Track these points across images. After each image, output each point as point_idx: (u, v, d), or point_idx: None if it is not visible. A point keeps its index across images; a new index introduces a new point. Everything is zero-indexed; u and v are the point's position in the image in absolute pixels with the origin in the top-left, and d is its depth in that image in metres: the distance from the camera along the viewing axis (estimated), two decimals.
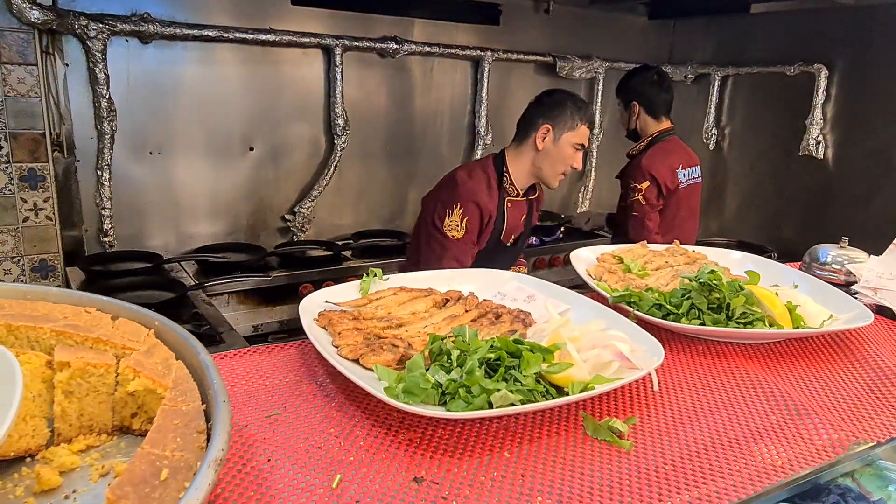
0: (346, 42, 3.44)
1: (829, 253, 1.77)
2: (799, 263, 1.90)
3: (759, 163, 4.37)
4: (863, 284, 1.63)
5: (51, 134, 2.88)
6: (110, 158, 3.02)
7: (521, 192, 2.73)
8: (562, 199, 4.59)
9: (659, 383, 1.16)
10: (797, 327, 1.37)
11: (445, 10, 3.76)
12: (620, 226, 3.48)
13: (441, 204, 2.59)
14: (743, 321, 1.32)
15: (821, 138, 4.00)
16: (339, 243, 3.59)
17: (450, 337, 1.11)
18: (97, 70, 2.91)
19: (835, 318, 1.42)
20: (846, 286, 1.70)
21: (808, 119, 3.99)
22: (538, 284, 1.45)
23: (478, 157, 4.04)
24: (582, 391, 1.03)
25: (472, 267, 2.52)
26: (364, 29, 3.56)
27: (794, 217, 4.20)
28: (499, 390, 0.98)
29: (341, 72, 3.49)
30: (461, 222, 2.48)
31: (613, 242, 3.55)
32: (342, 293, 1.34)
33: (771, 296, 1.38)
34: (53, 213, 2.91)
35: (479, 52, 3.87)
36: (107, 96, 2.96)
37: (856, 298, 1.56)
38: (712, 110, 4.50)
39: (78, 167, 3.02)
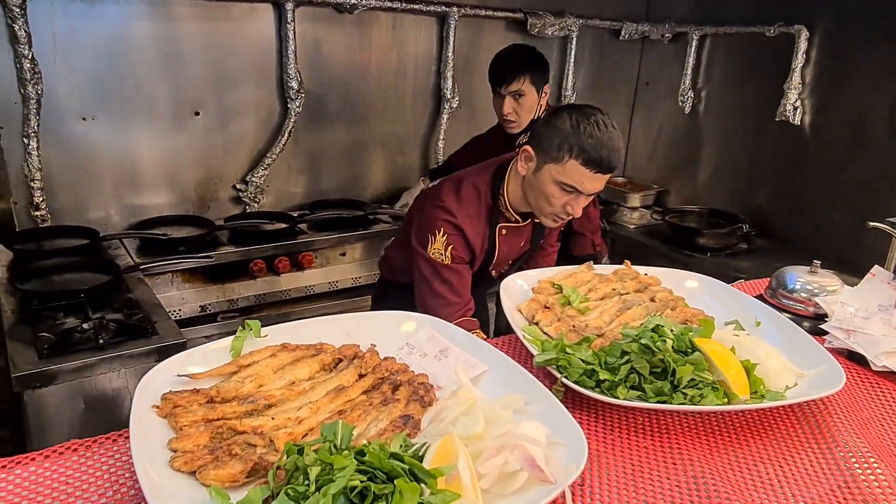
0: None
1: (798, 279, 1.50)
2: (765, 282, 1.62)
3: (734, 128, 4.05)
4: (834, 324, 1.36)
5: None
6: (37, 125, 2.67)
7: (520, 219, 2.05)
8: None
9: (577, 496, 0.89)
10: (755, 392, 1.10)
11: None
12: None
13: (423, 225, 2.03)
14: (691, 393, 1.05)
15: (798, 103, 3.67)
16: (295, 215, 3.28)
17: (312, 445, 0.83)
18: (16, 27, 2.53)
19: (800, 376, 1.15)
20: (814, 319, 1.43)
21: (786, 83, 3.64)
22: (454, 335, 1.17)
23: (444, 122, 3.68)
24: None
25: None
26: None
27: (766, 185, 3.91)
28: None
29: (293, 29, 3.10)
30: (445, 251, 1.95)
31: None
32: (209, 356, 1.05)
33: (724, 354, 1.12)
34: None
35: (444, 7, 3.47)
36: (29, 56, 2.58)
37: (826, 338, 1.29)
38: (689, 72, 4.12)
39: (2, 135, 2.67)
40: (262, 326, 1.16)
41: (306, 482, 0.81)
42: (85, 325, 2.20)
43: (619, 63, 4.35)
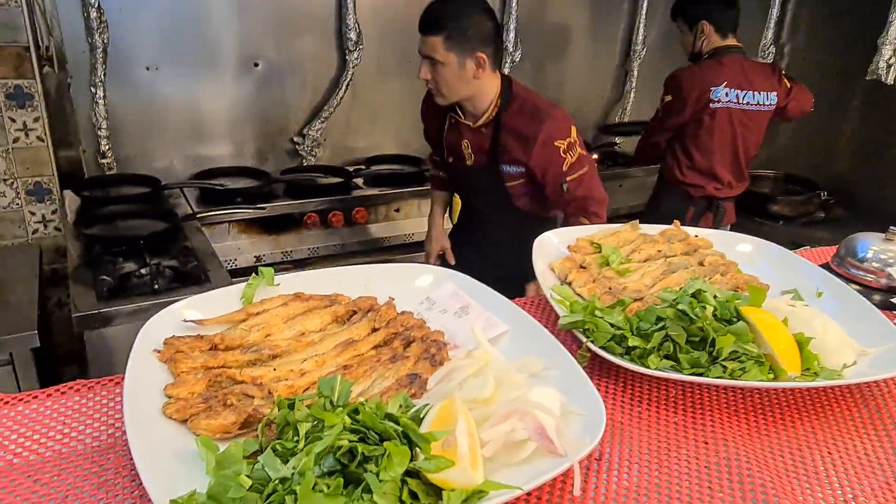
0: None
1: (870, 247, 1.33)
2: (833, 250, 1.46)
3: (819, 87, 3.70)
4: None
5: (38, 47, 2.55)
6: (104, 74, 2.72)
7: (461, 115, 2.21)
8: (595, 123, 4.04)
9: (585, 480, 0.80)
10: (807, 369, 0.98)
11: None
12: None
13: None
14: (731, 366, 0.94)
15: (893, 61, 3.32)
16: (351, 169, 3.23)
17: (305, 400, 0.78)
18: None
19: (862, 354, 1.02)
20: (886, 291, 1.27)
21: (880, 38, 3.29)
22: (477, 291, 1.09)
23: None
24: (465, 502, 0.70)
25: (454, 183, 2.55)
26: None
27: (850, 150, 3.60)
28: None
29: None
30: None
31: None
32: (219, 302, 1.01)
33: (774, 324, 0.99)
34: (45, 134, 2.63)
35: None
36: (96, 5, 2.62)
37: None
38: (772, 25, 3.81)
39: (71, 83, 2.72)
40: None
41: (296, 438, 0.76)
42: (142, 271, 2.25)
43: None
